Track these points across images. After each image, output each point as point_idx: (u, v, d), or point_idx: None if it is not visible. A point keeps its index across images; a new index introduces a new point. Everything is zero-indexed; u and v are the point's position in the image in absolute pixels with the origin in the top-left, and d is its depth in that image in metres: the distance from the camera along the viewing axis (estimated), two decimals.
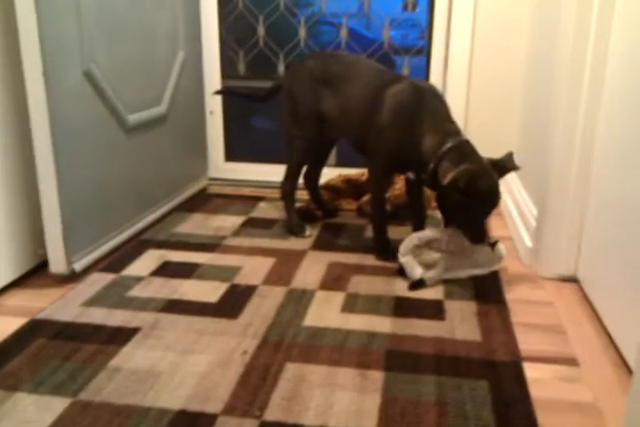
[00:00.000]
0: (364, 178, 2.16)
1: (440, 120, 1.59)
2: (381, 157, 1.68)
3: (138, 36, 1.85)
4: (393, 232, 1.79)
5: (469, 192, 1.43)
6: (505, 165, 1.55)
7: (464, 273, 1.59)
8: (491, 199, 1.48)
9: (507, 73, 2.20)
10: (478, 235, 1.50)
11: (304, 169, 1.97)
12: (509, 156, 1.58)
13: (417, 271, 1.54)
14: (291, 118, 1.86)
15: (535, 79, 1.96)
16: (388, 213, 1.89)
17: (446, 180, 1.44)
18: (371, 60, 1.86)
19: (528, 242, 1.72)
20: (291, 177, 1.92)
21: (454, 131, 1.57)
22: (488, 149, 2.26)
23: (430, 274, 1.55)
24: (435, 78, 2.28)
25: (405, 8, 2.41)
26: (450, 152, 1.51)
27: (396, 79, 1.68)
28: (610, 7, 1.40)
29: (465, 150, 1.52)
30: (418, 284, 1.54)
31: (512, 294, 1.53)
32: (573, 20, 1.45)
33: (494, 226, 2.03)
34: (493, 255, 1.58)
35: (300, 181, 1.97)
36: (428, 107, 1.60)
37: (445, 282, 1.57)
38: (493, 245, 1.58)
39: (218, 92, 2.28)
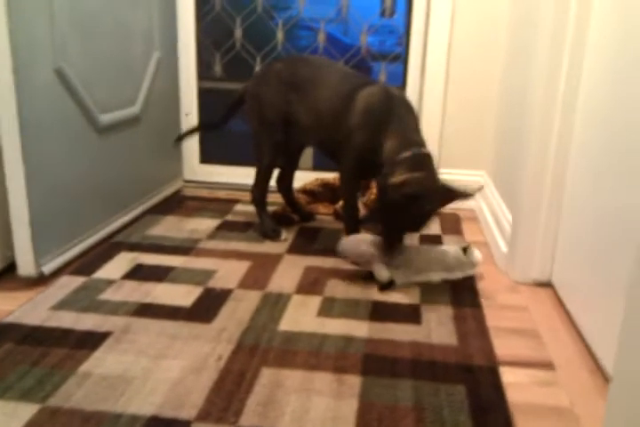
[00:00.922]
0: None
1: (406, 128, 1.59)
2: (350, 159, 1.67)
3: (112, 34, 1.82)
4: None
5: (405, 196, 1.43)
6: (454, 191, 1.51)
7: (437, 276, 1.59)
8: (420, 211, 1.48)
9: (483, 79, 2.22)
10: (392, 241, 1.54)
11: (276, 173, 1.96)
12: (468, 189, 1.55)
13: (384, 273, 1.54)
14: (257, 122, 1.84)
15: (511, 85, 1.98)
16: (363, 216, 1.89)
17: (397, 180, 1.45)
18: (341, 65, 1.85)
19: (503, 247, 1.73)
20: (260, 181, 1.90)
21: (417, 141, 1.57)
22: (462, 154, 2.28)
23: (399, 275, 1.55)
24: (412, 85, 2.29)
25: (383, 14, 2.42)
26: (406, 160, 1.51)
27: (367, 82, 1.68)
28: (584, 25, 1.42)
29: (421, 162, 1.51)
30: (387, 285, 1.54)
31: (488, 299, 1.53)
32: (550, 29, 1.46)
33: (470, 231, 2.04)
34: (467, 260, 1.59)
35: (274, 184, 1.96)
36: (396, 113, 1.60)
37: (421, 287, 1.57)
38: (465, 249, 1.58)
39: (178, 140, 2.19)
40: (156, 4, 2.10)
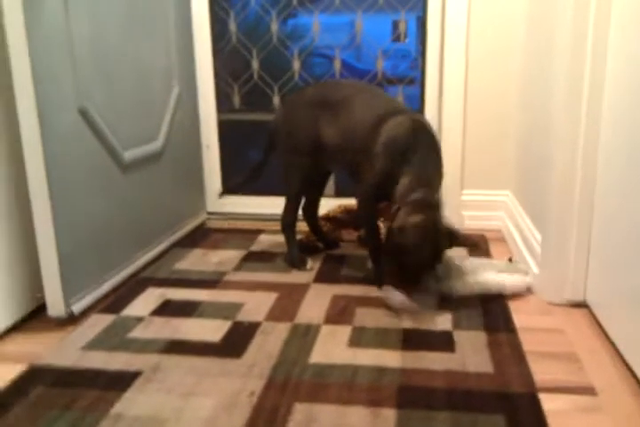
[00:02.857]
0: None
1: (424, 165, 1.59)
2: (368, 185, 1.66)
3: (132, 72, 1.85)
4: None
5: (402, 241, 1.49)
6: (458, 237, 1.58)
7: (492, 279, 1.59)
8: (419, 257, 1.52)
9: (502, 98, 2.20)
10: (408, 281, 1.57)
11: (303, 200, 1.96)
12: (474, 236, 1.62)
13: (397, 298, 1.53)
14: (288, 147, 1.84)
15: (531, 102, 1.96)
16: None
17: (396, 223, 1.51)
18: (375, 87, 1.84)
19: (534, 268, 1.69)
20: (290, 208, 1.90)
21: (431, 182, 1.58)
22: (486, 174, 2.26)
23: (458, 285, 1.53)
24: (429, 107, 2.28)
25: (396, 39, 2.43)
26: (412, 202, 1.53)
27: (397, 110, 1.68)
28: (603, 41, 1.40)
29: (425, 204, 1.53)
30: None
31: (521, 322, 1.49)
32: (569, 42, 1.45)
33: (498, 252, 2.00)
34: (515, 267, 1.58)
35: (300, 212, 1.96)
36: (417, 149, 1.59)
37: (453, 311, 1.54)
38: (510, 259, 1.60)
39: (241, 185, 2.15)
40: (174, 40, 2.14)
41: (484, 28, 2.15)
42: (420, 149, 1.60)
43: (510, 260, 1.60)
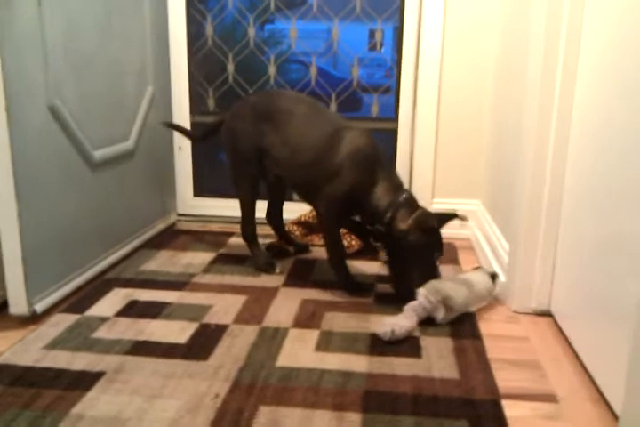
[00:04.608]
0: None
1: (391, 172, 1.68)
2: (332, 201, 1.65)
3: (105, 71, 1.83)
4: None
5: (427, 230, 1.57)
6: (449, 214, 1.68)
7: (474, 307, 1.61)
8: (441, 238, 1.62)
9: (475, 109, 2.24)
10: (431, 274, 1.59)
11: (265, 207, 1.96)
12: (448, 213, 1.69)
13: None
14: (232, 155, 1.84)
15: (504, 114, 1.99)
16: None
17: (408, 222, 1.57)
18: (313, 100, 1.81)
19: (501, 277, 1.72)
20: (246, 216, 1.89)
21: (402, 183, 1.68)
22: (457, 183, 2.29)
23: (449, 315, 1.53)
24: (403, 115, 2.31)
25: (373, 48, 2.46)
26: (405, 202, 1.61)
27: (348, 124, 1.71)
28: (575, 48, 1.44)
29: (415, 202, 1.64)
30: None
31: (487, 330, 1.51)
32: (541, 54, 1.49)
33: (466, 260, 2.02)
34: (490, 286, 1.61)
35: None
36: (382, 158, 1.67)
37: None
38: (494, 276, 1.62)
39: (166, 125, 2.22)
40: (149, 39, 2.12)
41: (459, 41, 2.19)
42: (382, 158, 1.67)
43: (494, 277, 1.63)
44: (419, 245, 1.58)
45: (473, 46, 2.19)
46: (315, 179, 1.67)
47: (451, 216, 1.66)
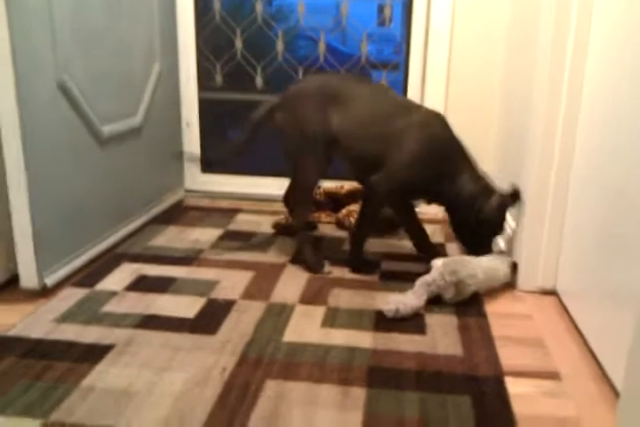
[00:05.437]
0: (344, 191, 2.15)
1: (469, 156, 1.69)
2: (394, 179, 1.64)
3: (113, 47, 1.82)
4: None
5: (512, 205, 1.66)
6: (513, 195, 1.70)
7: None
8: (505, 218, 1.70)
9: (484, 86, 2.21)
10: (488, 247, 1.69)
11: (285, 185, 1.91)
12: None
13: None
14: (299, 142, 1.70)
15: (513, 89, 1.98)
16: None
17: (494, 203, 1.63)
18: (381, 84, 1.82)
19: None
20: (305, 204, 1.79)
21: (480, 169, 1.70)
22: None
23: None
24: (412, 93, 2.29)
25: (382, 24, 2.42)
26: (488, 186, 1.67)
27: (415, 105, 1.72)
28: (586, 27, 1.42)
29: (491, 183, 1.69)
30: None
31: (492, 308, 1.52)
32: (551, 33, 1.47)
33: None
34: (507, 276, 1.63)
35: (279, 193, 1.93)
36: (458, 142, 1.67)
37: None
38: (515, 266, 1.63)
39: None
40: (157, 15, 2.11)
41: (469, 15, 2.16)
42: (459, 142, 1.67)
43: (515, 266, 1.65)
44: (492, 224, 1.65)
45: (483, 19, 2.16)
46: (381, 153, 1.64)
47: (517, 196, 1.67)
